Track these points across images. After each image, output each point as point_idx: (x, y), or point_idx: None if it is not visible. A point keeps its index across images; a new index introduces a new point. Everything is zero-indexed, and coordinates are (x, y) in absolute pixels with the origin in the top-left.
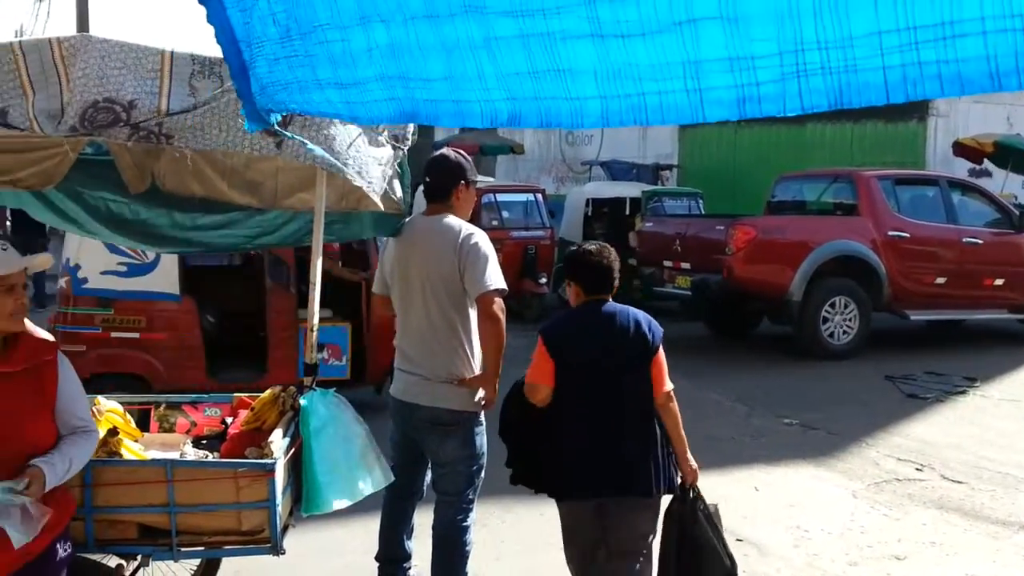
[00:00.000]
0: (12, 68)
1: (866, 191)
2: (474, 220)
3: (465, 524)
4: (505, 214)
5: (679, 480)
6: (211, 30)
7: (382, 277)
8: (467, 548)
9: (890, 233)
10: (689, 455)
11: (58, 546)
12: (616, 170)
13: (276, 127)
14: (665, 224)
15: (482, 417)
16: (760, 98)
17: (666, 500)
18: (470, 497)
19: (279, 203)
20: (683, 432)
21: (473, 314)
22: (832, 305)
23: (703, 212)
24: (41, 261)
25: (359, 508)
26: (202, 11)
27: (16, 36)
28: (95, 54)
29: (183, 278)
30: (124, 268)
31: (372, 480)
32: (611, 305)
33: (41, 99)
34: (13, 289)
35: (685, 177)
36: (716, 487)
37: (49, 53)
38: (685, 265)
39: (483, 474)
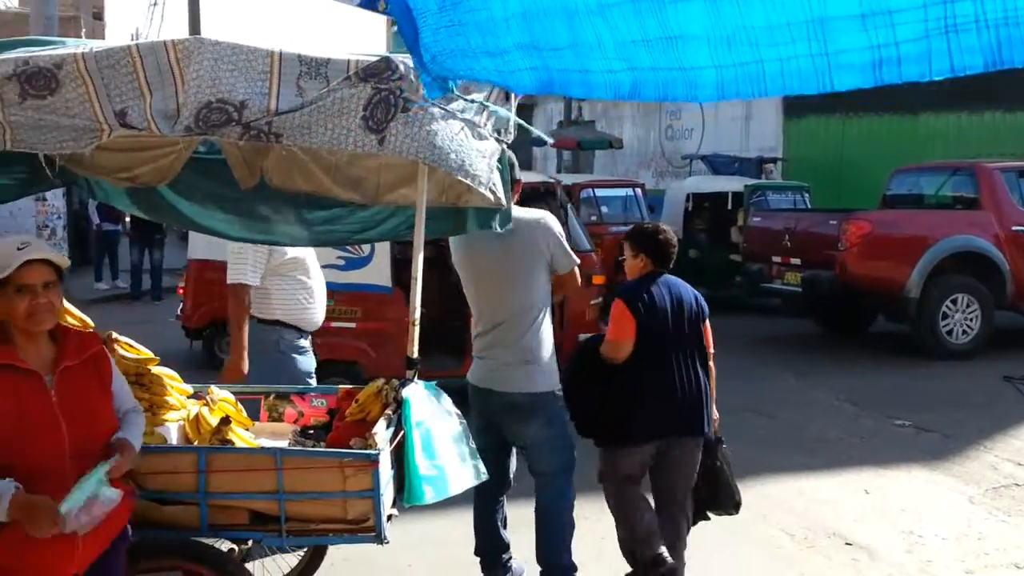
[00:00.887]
0: (131, 70)
1: (988, 184)
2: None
3: (564, 501)
4: (604, 209)
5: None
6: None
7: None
8: (570, 526)
9: (1014, 228)
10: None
11: (128, 529)
12: (717, 164)
13: (457, 92)
14: (774, 219)
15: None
16: (900, 59)
17: None
18: (566, 475)
19: (381, 198)
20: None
21: (543, 300)
22: (952, 303)
23: (809, 207)
24: (58, 259)
25: (460, 500)
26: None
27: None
28: (208, 56)
29: (394, 271)
30: (342, 262)
31: (469, 475)
32: (671, 277)
33: (158, 100)
34: (27, 289)
35: (789, 170)
36: (823, 489)
37: (165, 55)
38: (795, 261)
39: (575, 452)
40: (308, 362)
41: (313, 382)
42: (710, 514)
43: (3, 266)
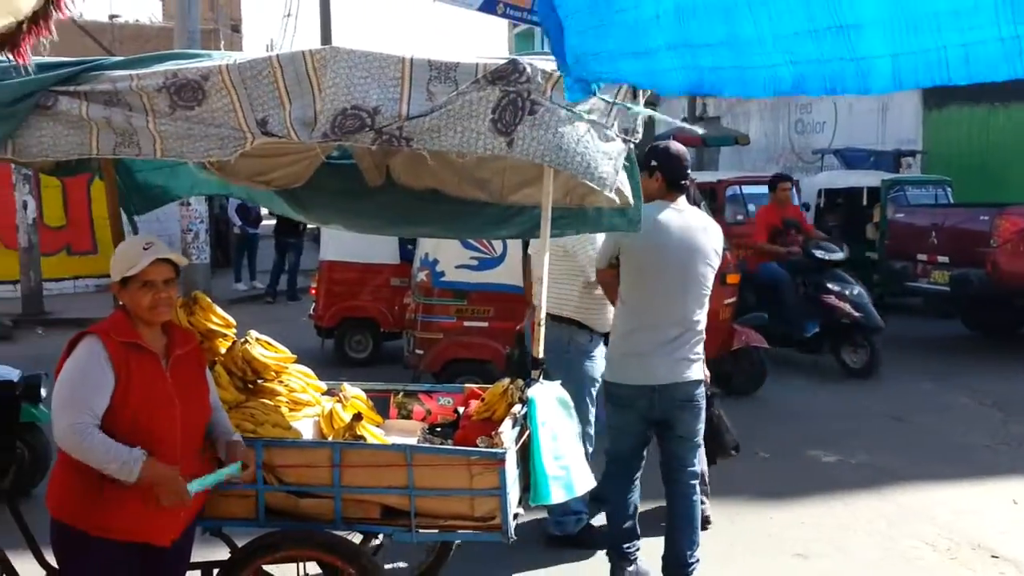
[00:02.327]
0: (272, 80)
1: None
2: (718, 214)
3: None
4: (752, 207)
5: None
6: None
7: (609, 255)
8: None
9: None
10: None
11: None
12: (851, 158)
13: (599, 94)
14: (918, 215)
15: None
16: None
17: None
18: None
19: (506, 198)
20: None
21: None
22: None
23: (951, 201)
24: (177, 258)
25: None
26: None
27: (267, 50)
28: (343, 64)
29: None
30: (475, 262)
31: (590, 477)
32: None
33: (297, 108)
34: (151, 285)
35: (929, 164)
36: (967, 498)
37: (303, 65)
38: (942, 259)
39: None
40: (595, 367)
41: (595, 388)
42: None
43: (132, 264)
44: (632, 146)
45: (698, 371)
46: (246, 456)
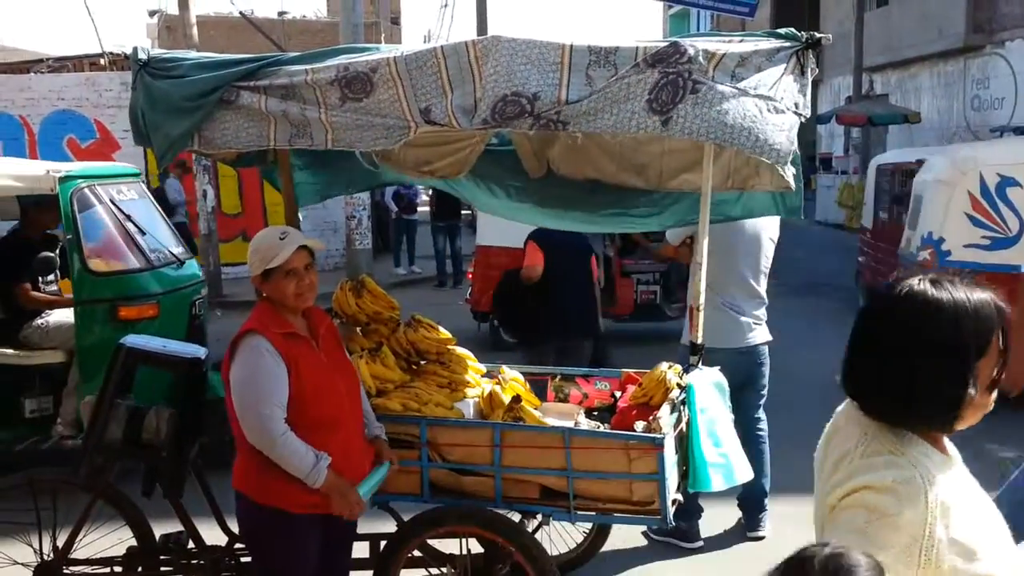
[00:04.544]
0: (436, 71)
1: None
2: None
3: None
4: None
5: None
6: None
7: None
8: None
9: None
10: None
11: None
12: None
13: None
14: None
15: None
16: None
17: None
18: None
19: (664, 184)
20: None
21: None
22: None
23: None
24: (314, 244)
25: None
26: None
27: (424, 41)
28: (504, 52)
29: None
30: (987, 241)
31: (748, 466)
32: None
33: (458, 96)
34: (294, 273)
35: None
36: None
37: (466, 55)
38: None
39: None
40: None
41: None
42: None
43: (274, 255)
44: (803, 120)
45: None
46: (392, 456)
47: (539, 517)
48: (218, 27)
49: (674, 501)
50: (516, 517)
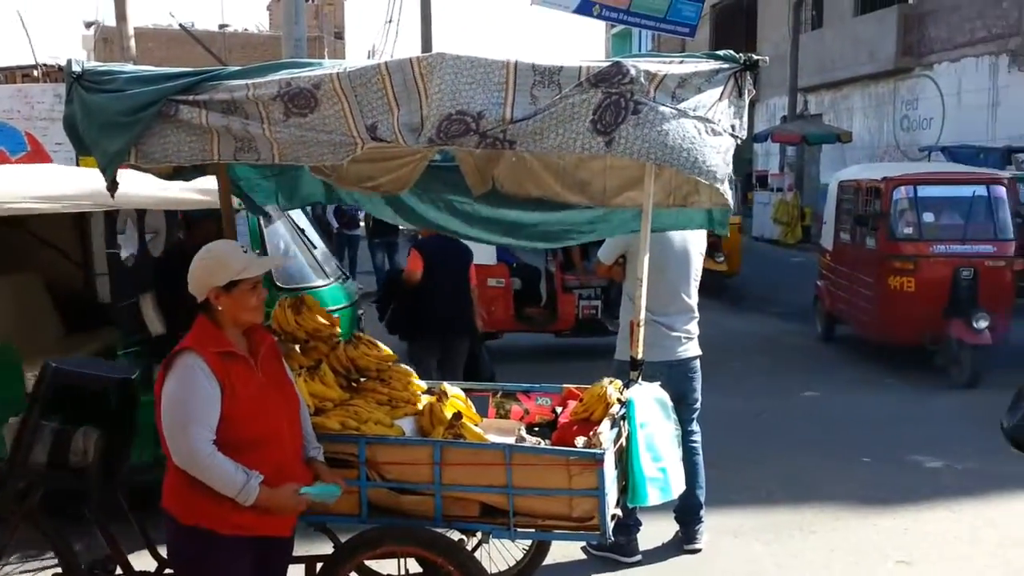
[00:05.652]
0: (380, 87)
1: None
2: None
3: None
4: (927, 218)
5: None
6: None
7: (617, 250)
8: None
9: None
10: None
11: None
12: (960, 156)
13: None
14: None
15: None
16: None
17: None
18: None
19: (608, 201)
20: None
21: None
22: None
23: None
24: (276, 262)
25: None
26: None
27: (369, 56)
28: (449, 70)
29: None
30: None
31: (683, 478)
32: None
33: (404, 114)
34: (257, 287)
35: None
36: None
37: (411, 71)
38: None
39: None
40: None
41: None
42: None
43: (243, 267)
44: (739, 143)
45: (698, 348)
46: (337, 479)
47: (479, 535)
48: (157, 39)
49: (613, 516)
50: (456, 535)
